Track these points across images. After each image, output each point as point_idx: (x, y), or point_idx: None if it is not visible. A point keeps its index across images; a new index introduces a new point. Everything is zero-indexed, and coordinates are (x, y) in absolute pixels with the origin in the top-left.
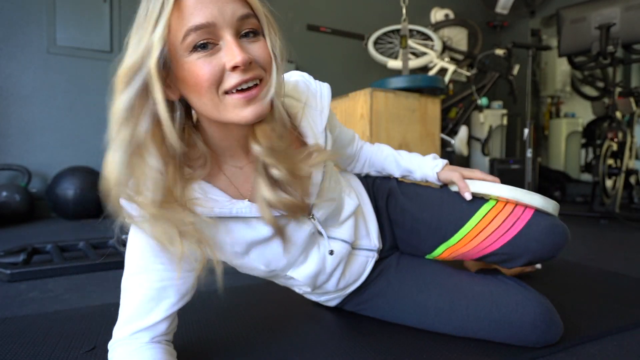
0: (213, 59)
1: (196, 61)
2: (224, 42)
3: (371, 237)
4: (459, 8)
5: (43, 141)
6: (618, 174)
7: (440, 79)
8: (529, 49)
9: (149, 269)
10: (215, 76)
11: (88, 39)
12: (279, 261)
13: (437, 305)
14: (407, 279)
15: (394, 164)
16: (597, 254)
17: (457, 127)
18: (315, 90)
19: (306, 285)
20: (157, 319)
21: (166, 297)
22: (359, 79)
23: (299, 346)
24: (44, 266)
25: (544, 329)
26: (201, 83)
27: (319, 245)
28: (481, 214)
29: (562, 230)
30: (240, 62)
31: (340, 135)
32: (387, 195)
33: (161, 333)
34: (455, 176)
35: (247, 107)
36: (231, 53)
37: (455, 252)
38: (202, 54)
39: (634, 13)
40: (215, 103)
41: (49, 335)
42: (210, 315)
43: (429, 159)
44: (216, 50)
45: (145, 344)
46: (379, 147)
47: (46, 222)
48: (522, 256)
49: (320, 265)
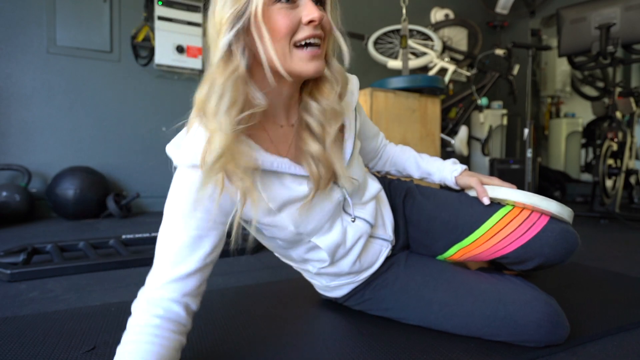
0: (292, 12)
1: (279, 10)
2: (302, 1)
3: (387, 228)
4: (459, 8)
5: (43, 141)
6: (618, 174)
7: (440, 79)
8: (529, 49)
9: (188, 217)
10: (293, 25)
11: (88, 39)
12: (307, 224)
13: (443, 300)
14: (414, 274)
15: (414, 165)
16: (597, 254)
17: (457, 127)
18: (347, 76)
19: (327, 255)
20: (191, 269)
21: (201, 247)
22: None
23: (299, 345)
24: (44, 266)
25: (549, 329)
26: (281, 29)
27: (342, 218)
28: (497, 217)
29: (574, 236)
30: (317, 17)
31: (365, 125)
32: (405, 194)
33: (191, 290)
34: (473, 181)
35: (310, 62)
36: (310, 9)
37: (468, 254)
38: (284, 5)
39: (634, 13)
40: (285, 52)
41: (49, 335)
42: (210, 315)
43: (448, 163)
44: (295, 6)
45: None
46: (402, 148)
47: (46, 222)
48: (534, 260)
49: (342, 237)
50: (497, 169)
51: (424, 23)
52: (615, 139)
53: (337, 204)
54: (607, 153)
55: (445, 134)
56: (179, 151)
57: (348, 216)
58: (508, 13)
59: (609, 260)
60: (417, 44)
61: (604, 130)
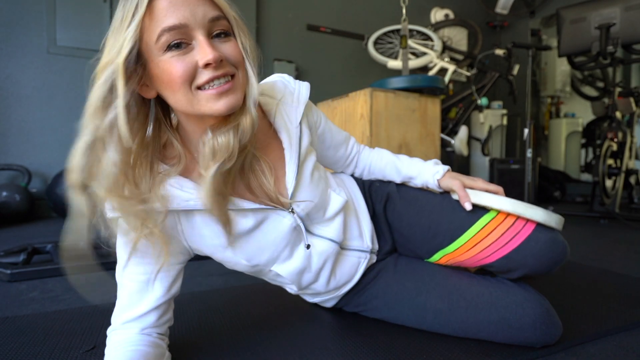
0: (186, 57)
1: (170, 59)
2: (196, 42)
3: (364, 238)
4: (459, 8)
5: (43, 141)
6: (618, 174)
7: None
8: (529, 49)
9: (132, 263)
10: (188, 73)
11: (88, 39)
12: (260, 255)
13: (436, 307)
14: (405, 281)
15: (394, 171)
16: (597, 254)
17: (457, 127)
18: (293, 89)
19: (292, 283)
20: (144, 311)
21: (152, 290)
22: (359, 79)
23: (299, 346)
24: (44, 266)
25: (544, 330)
26: (175, 79)
27: (305, 241)
28: (480, 224)
29: (561, 247)
30: (212, 59)
31: (327, 133)
32: (386, 199)
33: (150, 325)
34: (456, 184)
35: (219, 100)
36: (203, 51)
37: (453, 260)
38: (175, 52)
39: (634, 13)
40: (188, 98)
41: (49, 335)
42: (210, 315)
43: (430, 164)
44: (189, 50)
45: (133, 334)
46: (378, 153)
47: (46, 222)
48: (518, 270)
49: (305, 262)
50: (497, 169)
51: (424, 23)
52: (615, 139)
53: (291, 230)
54: (607, 153)
55: (445, 134)
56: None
57: (313, 237)
58: (508, 13)
59: (609, 260)
60: (417, 44)
61: (604, 130)
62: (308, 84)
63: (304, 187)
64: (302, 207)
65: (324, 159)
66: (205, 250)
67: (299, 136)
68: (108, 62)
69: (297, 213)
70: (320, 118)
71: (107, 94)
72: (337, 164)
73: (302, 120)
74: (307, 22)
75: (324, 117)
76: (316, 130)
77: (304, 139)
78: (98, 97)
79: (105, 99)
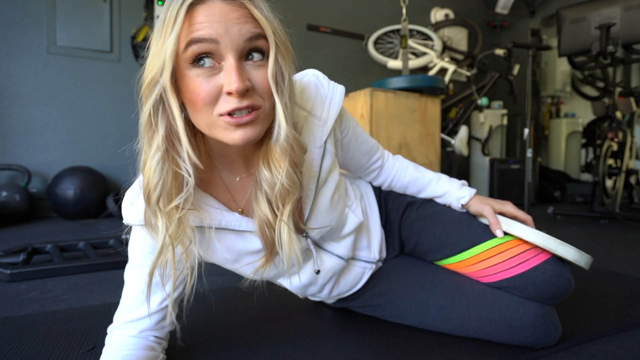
0: (212, 79)
1: (196, 78)
2: (225, 64)
3: (372, 249)
4: (459, 8)
5: (43, 141)
6: (618, 174)
7: (440, 79)
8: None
9: (144, 264)
10: (212, 96)
11: (88, 39)
12: (269, 272)
13: (438, 304)
14: (408, 278)
15: (416, 190)
16: (597, 254)
17: (457, 127)
18: (325, 96)
19: (296, 293)
20: (145, 313)
21: (157, 293)
22: (359, 79)
23: (299, 346)
24: (44, 266)
25: (544, 331)
26: (198, 100)
27: (315, 258)
28: (492, 244)
29: (566, 284)
30: (235, 90)
31: (353, 144)
32: (404, 209)
33: (148, 327)
34: (486, 210)
35: (236, 131)
36: (229, 78)
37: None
38: (202, 71)
39: (634, 13)
40: (208, 122)
41: (49, 335)
42: (210, 315)
43: (455, 187)
44: (217, 71)
45: (130, 337)
46: (401, 167)
47: (46, 222)
48: (518, 294)
49: (312, 278)
50: (497, 169)
51: (424, 23)
52: (615, 139)
53: (302, 252)
54: (607, 153)
55: (445, 134)
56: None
57: (322, 252)
58: (508, 13)
59: (609, 260)
60: (417, 44)
61: (604, 130)
62: (343, 89)
63: (320, 212)
64: (316, 232)
65: (343, 166)
66: (215, 260)
67: (320, 158)
68: (153, 78)
69: (310, 237)
70: (348, 128)
71: (156, 109)
72: (356, 172)
73: (327, 138)
74: (307, 22)
75: (352, 126)
76: (341, 140)
77: (326, 161)
78: (147, 113)
79: (155, 114)
